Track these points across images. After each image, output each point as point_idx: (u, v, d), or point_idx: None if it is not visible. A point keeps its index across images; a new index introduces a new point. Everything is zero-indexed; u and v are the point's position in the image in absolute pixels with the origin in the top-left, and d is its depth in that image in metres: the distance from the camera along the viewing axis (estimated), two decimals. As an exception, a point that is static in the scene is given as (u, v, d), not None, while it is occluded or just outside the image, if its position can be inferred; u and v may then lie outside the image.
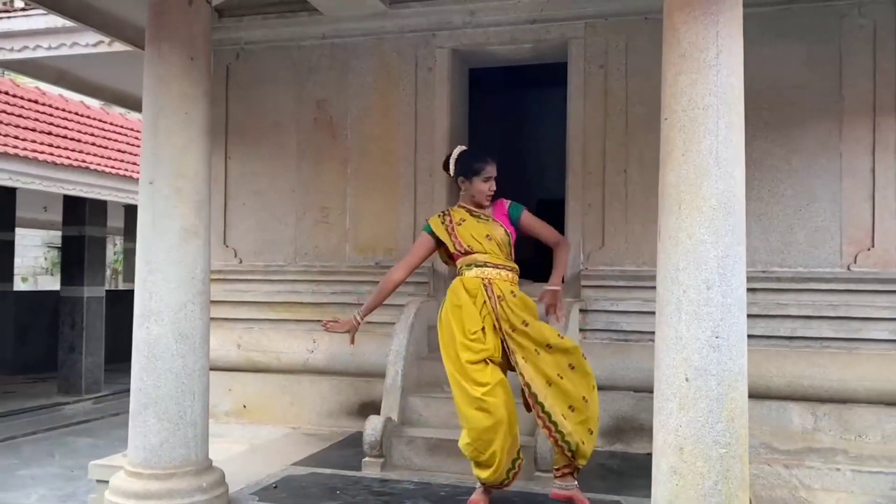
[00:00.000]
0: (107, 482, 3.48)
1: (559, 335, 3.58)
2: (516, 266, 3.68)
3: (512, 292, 3.57)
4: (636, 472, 4.33)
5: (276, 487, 3.84)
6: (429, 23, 5.47)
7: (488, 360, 3.50)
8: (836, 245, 4.82)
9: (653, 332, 4.83)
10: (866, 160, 4.78)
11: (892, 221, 4.75)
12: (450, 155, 3.82)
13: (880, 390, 4.50)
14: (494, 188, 3.71)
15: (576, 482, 3.59)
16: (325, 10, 5.45)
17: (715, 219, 2.78)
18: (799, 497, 4.50)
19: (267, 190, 5.83)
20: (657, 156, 5.06)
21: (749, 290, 4.73)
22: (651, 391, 4.79)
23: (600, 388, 4.47)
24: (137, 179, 9.89)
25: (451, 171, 3.78)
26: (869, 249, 4.75)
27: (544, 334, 3.54)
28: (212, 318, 5.53)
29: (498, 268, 3.60)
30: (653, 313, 4.89)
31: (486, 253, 3.59)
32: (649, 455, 4.65)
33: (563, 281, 3.82)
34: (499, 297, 3.52)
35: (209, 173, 3.62)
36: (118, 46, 5.13)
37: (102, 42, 5.05)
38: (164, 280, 3.37)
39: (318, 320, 5.39)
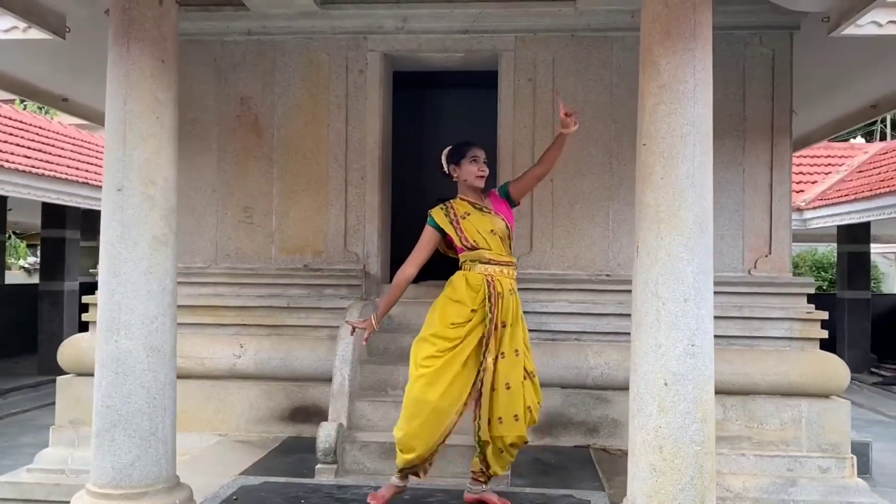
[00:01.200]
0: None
1: (526, 345, 3.74)
2: (514, 260, 3.80)
3: (511, 290, 3.69)
4: (573, 465, 4.62)
5: (236, 499, 3.77)
6: (360, 25, 5.47)
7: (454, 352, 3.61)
8: (739, 252, 5.32)
9: (578, 332, 5.20)
10: (765, 175, 5.31)
11: (785, 231, 5.32)
12: (441, 161, 3.86)
13: (778, 383, 5.02)
14: (485, 170, 3.78)
15: (483, 486, 3.73)
16: (252, 6, 5.31)
17: (691, 237, 3.06)
18: (711, 481, 4.95)
19: (184, 189, 5.57)
20: (580, 167, 5.42)
21: (664, 292, 5.16)
22: (578, 388, 5.17)
23: (531, 386, 4.73)
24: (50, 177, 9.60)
25: (446, 169, 3.84)
26: (766, 256, 5.28)
27: (520, 341, 3.69)
28: (127, 323, 5.33)
29: (501, 265, 3.69)
30: (578, 314, 5.26)
31: (490, 249, 3.68)
32: (577, 448, 5.04)
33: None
34: (499, 294, 3.63)
35: (176, 180, 3.49)
36: (34, 34, 4.75)
37: (16, 28, 4.65)
38: (134, 291, 3.22)
39: (244, 324, 5.34)
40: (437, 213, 3.77)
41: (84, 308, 5.41)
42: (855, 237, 12.89)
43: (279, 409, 5.25)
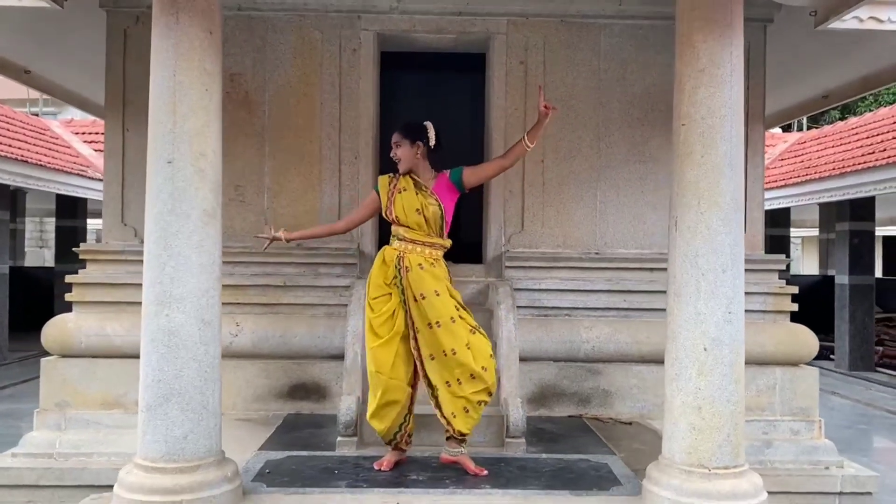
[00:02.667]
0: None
1: (460, 314, 3.86)
2: (442, 241, 3.95)
3: (420, 265, 3.85)
4: (574, 433, 4.84)
5: (269, 472, 3.80)
6: (354, 4, 5.48)
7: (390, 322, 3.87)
8: (716, 231, 5.64)
9: (569, 308, 5.43)
10: (742, 158, 5.64)
11: (759, 211, 5.69)
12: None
13: (755, 353, 5.30)
14: (397, 154, 3.98)
15: (461, 449, 3.89)
16: (243, -19, 5.25)
17: (728, 212, 3.29)
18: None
19: None
20: (570, 149, 5.63)
21: (649, 269, 5.49)
22: (570, 361, 5.38)
23: (526, 360, 4.94)
24: None
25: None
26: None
27: (441, 311, 3.81)
28: (117, 303, 5.24)
29: (416, 243, 3.89)
30: (569, 291, 5.46)
31: (409, 228, 3.89)
32: (571, 417, 5.27)
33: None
34: (406, 268, 3.84)
35: (221, 154, 3.46)
36: (31, 1, 4.53)
37: (12, -7, 4.42)
38: (186, 265, 3.20)
39: (239, 303, 5.30)
40: (382, 180, 4.06)
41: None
42: (776, 222, 13.70)
43: (278, 387, 5.25)
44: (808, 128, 16.64)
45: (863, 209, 11.44)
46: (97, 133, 13.79)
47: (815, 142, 13.55)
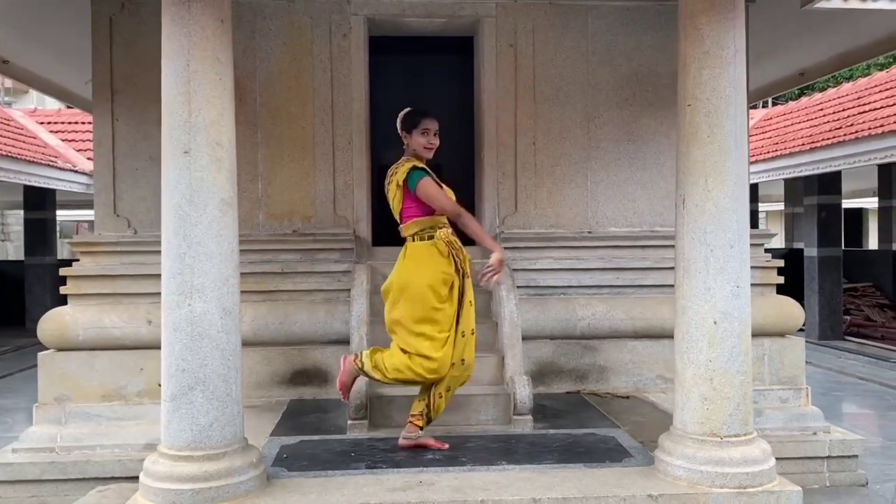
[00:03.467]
0: None
1: None
2: None
3: (462, 246, 4.00)
4: (575, 409, 4.95)
5: (286, 457, 3.84)
6: (343, -11, 5.48)
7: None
8: (703, 208, 5.78)
9: (564, 286, 5.54)
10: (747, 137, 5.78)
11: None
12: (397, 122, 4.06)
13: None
14: (434, 142, 3.99)
15: (420, 431, 3.97)
16: (232, -33, 5.19)
17: (734, 189, 3.40)
18: (689, 417, 5.43)
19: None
20: (562, 128, 5.71)
21: (640, 246, 5.61)
22: (567, 338, 5.49)
23: (524, 339, 5.03)
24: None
25: (399, 129, 4.04)
26: (727, 211, 5.77)
27: (472, 291, 4.01)
28: (112, 294, 5.21)
29: (449, 226, 4.00)
30: (564, 270, 5.57)
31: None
32: (569, 393, 5.40)
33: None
34: (458, 249, 3.94)
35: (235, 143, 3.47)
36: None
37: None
38: (206, 254, 3.20)
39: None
40: (423, 166, 3.93)
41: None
42: (746, 197, 13.96)
43: (279, 374, 5.28)
44: (774, 104, 16.97)
45: (830, 183, 11.75)
46: (64, 122, 13.54)
47: (781, 118, 13.83)
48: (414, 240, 3.93)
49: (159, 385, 5.19)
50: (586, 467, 3.64)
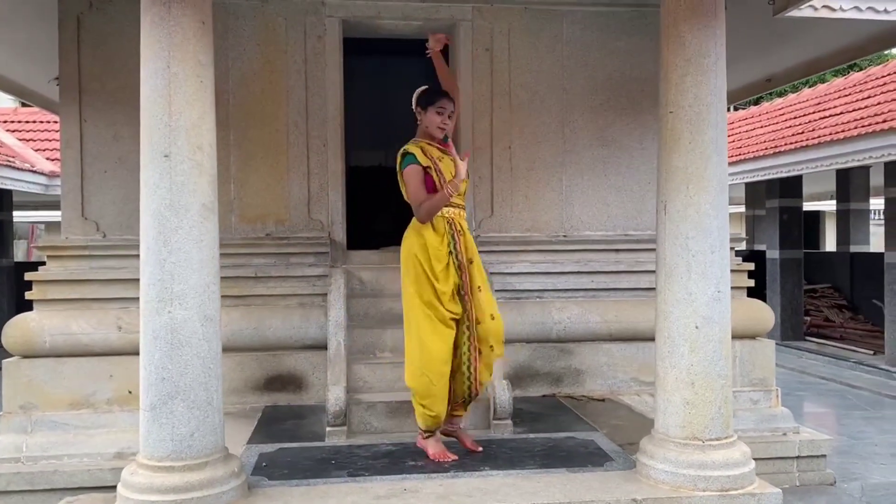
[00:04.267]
0: None
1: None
2: (464, 202, 4.02)
3: (467, 228, 3.97)
4: (552, 412, 4.97)
5: (265, 465, 3.78)
6: (318, -10, 5.43)
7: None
8: (676, 212, 5.84)
9: (540, 290, 5.56)
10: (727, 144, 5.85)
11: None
12: (412, 99, 4.03)
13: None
14: (448, 123, 3.94)
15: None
16: (205, -34, 5.11)
17: (716, 196, 3.44)
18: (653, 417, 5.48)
19: (134, 157, 5.14)
20: (537, 133, 5.73)
21: (614, 250, 5.66)
22: (543, 342, 5.51)
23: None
24: None
25: (413, 107, 4.01)
26: (699, 215, 5.84)
27: (482, 275, 3.97)
28: (80, 300, 5.10)
29: (459, 207, 3.94)
30: (540, 273, 5.59)
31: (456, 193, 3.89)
32: (545, 397, 5.42)
33: None
34: (459, 231, 3.89)
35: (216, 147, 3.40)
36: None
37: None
38: (186, 260, 3.14)
39: (210, 295, 5.19)
40: (415, 151, 3.85)
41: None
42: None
43: (253, 380, 5.20)
44: (735, 108, 17.27)
45: (791, 187, 11.99)
46: (21, 121, 13.18)
47: (743, 122, 14.08)
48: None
49: (130, 392, 5.14)
50: (569, 472, 3.65)
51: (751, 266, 5.75)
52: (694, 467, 3.36)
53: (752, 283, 5.74)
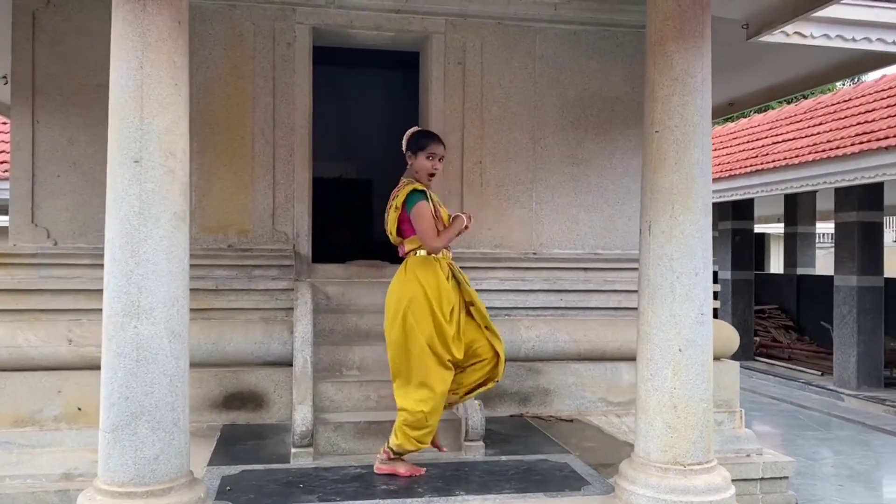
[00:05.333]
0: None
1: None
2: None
3: (460, 272, 4.02)
4: (522, 433, 4.87)
5: (229, 489, 3.59)
6: (288, -4, 5.29)
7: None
8: (644, 232, 5.84)
9: (509, 308, 5.49)
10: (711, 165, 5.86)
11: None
12: (403, 139, 4.02)
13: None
14: (438, 168, 3.97)
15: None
16: (171, -34, 4.93)
17: (700, 218, 3.41)
18: (623, 439, 5.43)
19: (89, 161, 5.10)
20: (508, 149, 5.68)
21: (583, 269, 5.62)
22: (511, 360, 5.43)
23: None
24: None
25: (403, 148, 4.00)
26: (666, 235, 5.85)
27: (483, 312, 4.04)
28: (28, 310, 4.83)
29: (451, 250, 4.04)
30: (509, 291, 5.51)
31: None
32: (513, 416, 5.32)
33: None
34: (459, 272, 3.99)
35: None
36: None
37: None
38: (155, 272, 2.96)
39: (167, 308, 4.97)
40: (424, 189, 3.88)
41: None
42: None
43: (211, 397, 4.97)
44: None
45: (744, 209, 12.22)
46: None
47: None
48: (416, 253, 3.84)
49: (79, 409, 4.88)
50: (547, 496, 3.56)
51: (718, 287, 5.77)
52: (676, 492, 3.30)
53: (717, 303, 5.76)
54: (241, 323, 5.05)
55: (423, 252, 3.84)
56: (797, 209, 13.61)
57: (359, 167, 7.98)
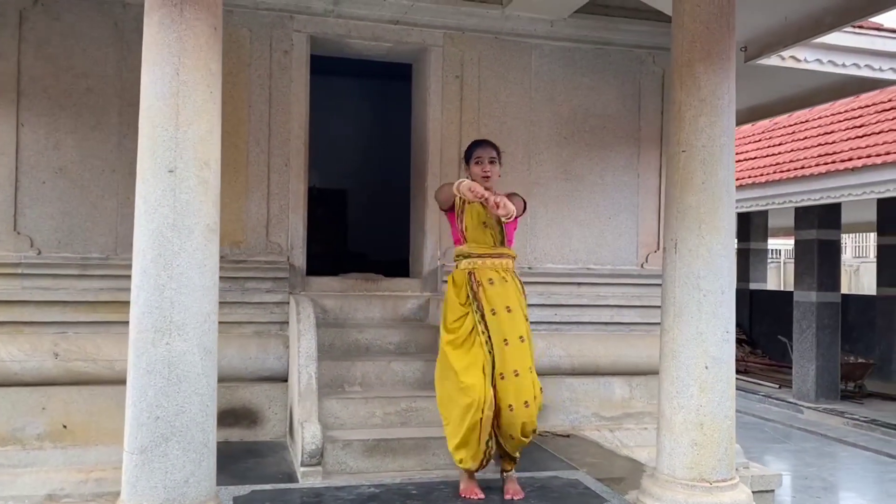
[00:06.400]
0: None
1: (529, 336, 3.89)
2: (508, 251, 4.00)
3: (490, 280, 3.84)
4: (525, 448, 4.83)
5: (245, 512, 3.48)
6: (286, 3, 5.18)
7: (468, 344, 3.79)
8: (634, 248, 5.91)
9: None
10: (655, 180, 5.94)
11: (670, 230, 6.02)
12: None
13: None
14: (488, 171, 3.96)
15: (512, 472, 3.92)
16: (168, -31, 4.78)
17: (726, 237, 3.46)
18: (623, 454, 5.47)
19: (76, 168, 4.89)
20: (504, 163, 5.58)
21: (576, 283, 5.66)
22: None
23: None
24: None
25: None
26: (655, 251, 5.93)
27: (512, 328, 3.81)
28: (11, 322, 4.63)
29: (483, 257, 3.90)
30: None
31: (476, 242, 3.90)
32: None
33: None
34: (478, 283, 3.83)
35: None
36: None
37: None
38: (188, 287, 2.83)
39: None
40: (457, 186, 3.83)
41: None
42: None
43: (204, 414, 4.81)
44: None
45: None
46: None
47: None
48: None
49: (64, 427, 4.67)
50: (571, 516, 3.54)
51: (704, 303, 5.87)
52: (703, 509, 3.32)
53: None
54: (234, 337, 4.92)
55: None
56: (750, 226, 13.99)
57: (331, 177, 7.86)
